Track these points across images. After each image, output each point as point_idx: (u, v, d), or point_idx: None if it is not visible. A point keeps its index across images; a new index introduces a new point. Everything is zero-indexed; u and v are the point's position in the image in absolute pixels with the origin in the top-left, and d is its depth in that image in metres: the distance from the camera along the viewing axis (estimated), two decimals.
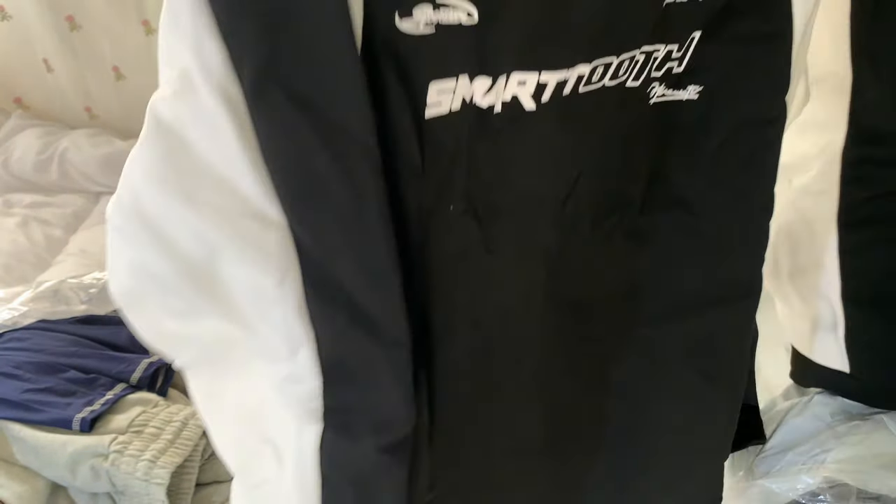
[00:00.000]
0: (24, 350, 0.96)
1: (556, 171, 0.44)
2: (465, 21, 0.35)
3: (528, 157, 0.42)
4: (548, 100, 0.39)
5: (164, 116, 0.36)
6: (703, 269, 0.51)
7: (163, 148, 0.36)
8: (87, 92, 1.76)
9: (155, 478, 0.82)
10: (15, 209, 1.56)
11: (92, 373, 0.95)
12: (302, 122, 0.34)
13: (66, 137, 1.67)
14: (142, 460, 0.83)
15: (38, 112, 1.81)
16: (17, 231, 1.48)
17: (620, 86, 0.42)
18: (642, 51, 0.41)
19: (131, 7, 1.63)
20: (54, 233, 1.52)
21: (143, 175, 0.37)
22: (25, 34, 1.68)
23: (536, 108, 0.40)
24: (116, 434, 0.86)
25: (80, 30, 1.67)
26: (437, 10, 0.34)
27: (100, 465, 0.83)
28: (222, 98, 0.33)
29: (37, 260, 1.44)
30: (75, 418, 0.86)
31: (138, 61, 1.69)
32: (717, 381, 0.55)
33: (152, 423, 0.88)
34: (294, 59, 0.33)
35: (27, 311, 1.02)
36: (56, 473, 0.87)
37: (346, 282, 0.39)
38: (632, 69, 0.42)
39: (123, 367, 0.97)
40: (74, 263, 1.41)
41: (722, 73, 0.44)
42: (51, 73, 1.74)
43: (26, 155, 1.63)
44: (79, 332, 1.03)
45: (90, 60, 1.71)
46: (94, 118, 1.80)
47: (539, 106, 0.40)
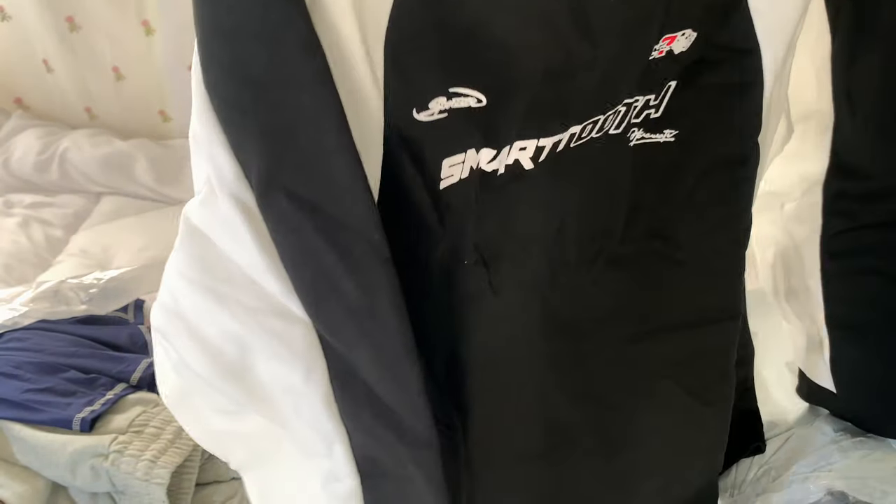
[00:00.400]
0: (25, 350, 0.96)
1: (547, 216, 0.47)
2: (475, 105, 0.37)
3: (525, 208, 0.45)
4: (544, 159, 0.43)
5: (193, 221, 0.39)
6: (682, 293, 0.54)
7: (193, 250, 0.39)
8: (88, 92, 1.76)
9: (155, 478, 0.82)
10: (15, 209, 1.56)
11: (92, 373, 0.95)
12: (306, 223, 0.36)
13: (67, 138, 1.67)
14: (142, 460, 0.83)
15: (39, 112, 1.81)
16: (18, 231, 1.48)
17: (604, 135, 0.45)
18: (624, 103, 0.44)
19: (131, 7, 1.63)
20: (55, 233, 1.52)
21: (178, 276, 0.40)
22: (25, 34, 1.68)
23: (534, 167, 0.43)
24: (117, 434, 0.86)
25: (80, 30, 1.67)
26: (451, 99, 0.37)
27: (100, 464, 0.83)
28: (237, 204, 0.36)
29: (37, 260, 1.44)
30: (75, 418, 0.86)
31: (138, 61, 1.69)
32: (702, 397, 0.58)
33: (152, 423, 0.88)
34: (294, 165, 0.35)
35: (27, 311, 1.02)
36: (56, 473, 0.87)
37: (366, 376, 0.40)
38: (615, 120, 0.45)
39: (123, 367, 0.97)
40: (75, 264, 1.41)
41: (695, 118, 0.47)
42: (51, 73, 1.74)
43: (27, 155, 1.63)
44: (79, 332, 1.03)
45: (90, 61, 1.71)
46: (94, 118, 1.80)
47: (537, 165, 0.43)
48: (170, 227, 1.68)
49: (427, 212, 0.40)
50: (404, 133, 0.37)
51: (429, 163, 0.39)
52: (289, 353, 0.39)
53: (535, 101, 0.40)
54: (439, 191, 0.40)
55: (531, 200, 0.45)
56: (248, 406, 0.43)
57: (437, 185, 0.40)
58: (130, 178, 1.61)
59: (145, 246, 1.46)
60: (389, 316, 0.38)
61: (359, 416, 0.41)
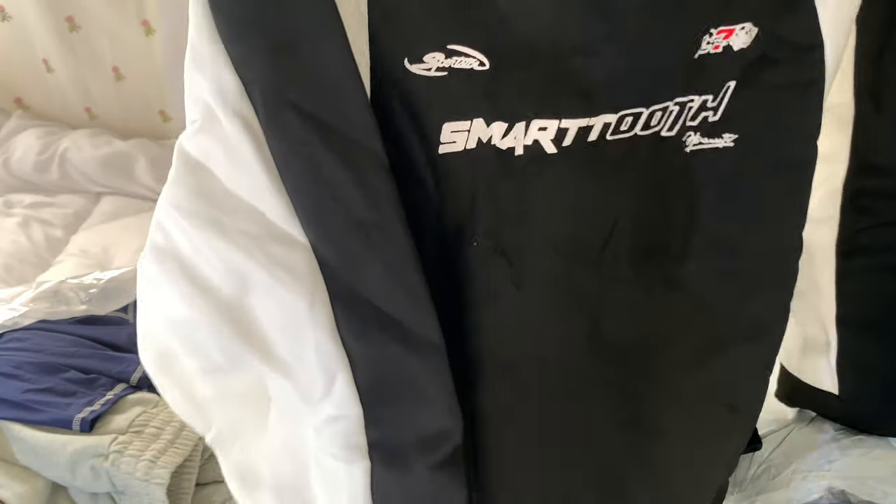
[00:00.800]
0: (25, 350, 0.96)
1: (589, 216, 0.45)
2: (478, 68, 0.36)
3: (554, 199, 0.43)
4: (570, 144, 0.41)
5: (190, 152, 0.38)
6: (733, 311, 0.51)
7: (192, 182, 0.38)
8: (87, 92, 1.76)
9: (155, 478, 0.82)
10: (15, 209, 1.56)
11: (92, 373, 0.95)
12: (311, 136, 0.36)
13: (67, 137, 1.67)
14: (142, 460, 0.83)
15: (39, 112, 1.81)
16: (18, 231, 1.48)
17: (655, 135, 0.43)
18: (676, 102, 0.42)
19: (131, 7, 1.63)
20: (55, 233, 1.52)
21: (175, 210, 0.39)
22: (25, 34, 1.68)
23: (558, 151, 0.41)
24: (116, 434, 0.85)
25: (80, 30, 1.67)
26: (449, 57, 0.36)
27: (100, 465, 0.83)
28: (240, 122, 0.36)
29: (37, 260, 1.44)
30: (75, 418, 0.86)
31: (138, 61, 1.69)
32: (740, 412, 0.56)
33: (152, 424, 0.88)
34: (299, 80, 0.35)
35: (27, 311, 1.02)
36: (56, 473, 0.87)
37: (371, 291, 0.39)
38: (666, 119, 0.42)
39: (123, 367, 0.97)
40: (75, 264, 1.41)
41: (757, 120, 0.44)
42: (51, 73, 1.74)
43: (27, 155, 1.63)
44: (79, 332, 1.03)
45: (90, 61, 1.71)
46: (94, 118, 1.80)
47: (561, 149, 0.41)
48: None
49: (422, 172, 0.39)
50: (397, 83, 0.36)
51: (427, 122, 0.38)
52: (292, 279, 0.39)
53: (548, 75, 0.38)
54: (437, 155, 0.39)
55: (561, 192, 0.43)
56: (244, 353, 0.41)
57: (435, 148, 0.39)
58: (130, 178, 1.61)
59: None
60: (395, 224, 0.38)
61: (363, 337, 0.40)
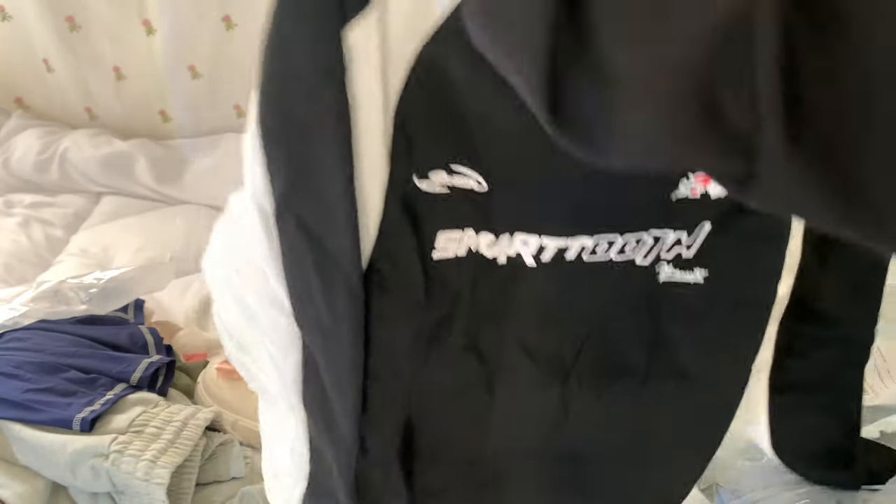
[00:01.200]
0: (25, 350, 0.96)
1: (561, 329, 0.49)
2: (476, 188, 0.42)
3: (530, 308, 0.48)
4: (549, 260, 0.45)
5: (232, 209, 0.47)
6: (683, 429, 0.56)
7: (228, 230, 0.49)
8: (88, 92, 1.76)
9: (155, 478, 0.82)
10: (15, 209, 1.56)
11: (92, 373, 0.95)
12: (305, 248, 0.43)
13: (67, 137, 1.67)
14: (142, 460, 0.83)
15: (39, 112, 1.81)
16: (18, 231, 1.49)
17: (629, 263, 0.46)
18: (650, 234, 0.45)
19: (131, 7, 1.63)
20: (55, 233, 1.52)
21: (218, 243, 0.51)
22: (25, 34, 1.69)
23: (537, 265, 0.45)
24: (117, 434, 0.86)
25: (80, 30, 1.67)
26: (452, 176, 0.42)
27: (100, 464, 0.83)
28: (260, 213, 0.43)
29: (37, 260, 1.44)
30: (75, 418, 0.86)
31: (138, 61, 1.69)
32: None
33: (152, 423, 0.88)
34: (307, 198, 0.42)
35: (27, 311, 1.02)
36: (56, 473, 0.87)
37: (321, 375, 0.48)
38: (640, 249, 0.46)
39: (123, 367, 0.97)
40: (75, 263, 1.42)
41: (728, 260, 0.48)
42: (51, 73, 1.74)
43: (27, 155, 1.63)
44: (79, 332, 1.03)
45: (90, 60, 1.71)
46: (94, 118, 1.80)
47: (540, 264, 0.45)
48: (170, 227, 1.70)
49: (414, 276, 0.45)
50: (405, 197, 0.42)
51: (424, 230, 0.44)
52: (277, 333, 0.48)
53: (537, 197, 0.43)
54: (432, 261, 0.45)
55: (538, 304, 0.47)
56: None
57: (430, 254, 0.44)
58: (130, 178, 1.61)
59: (145, 246, 1.46)
60: (347, 344, 0.45)
61: (309, 403, 0.50)
